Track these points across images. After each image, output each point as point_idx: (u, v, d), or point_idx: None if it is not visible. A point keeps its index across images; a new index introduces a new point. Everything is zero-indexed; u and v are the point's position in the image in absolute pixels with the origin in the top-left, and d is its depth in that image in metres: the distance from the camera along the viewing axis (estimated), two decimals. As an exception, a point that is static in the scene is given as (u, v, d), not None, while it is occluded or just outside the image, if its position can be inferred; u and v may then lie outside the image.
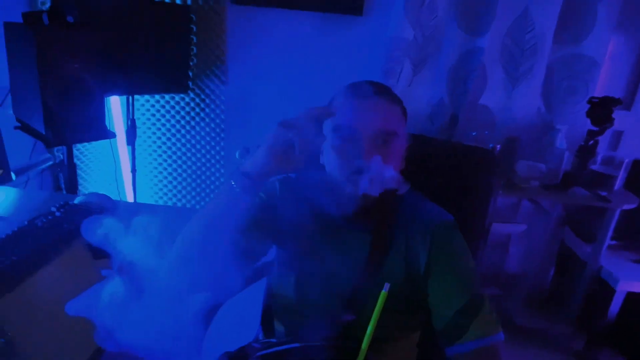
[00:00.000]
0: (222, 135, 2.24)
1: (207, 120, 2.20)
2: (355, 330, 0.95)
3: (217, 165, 2.29)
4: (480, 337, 0.87)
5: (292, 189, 1.02)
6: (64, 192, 1.51)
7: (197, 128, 2.22)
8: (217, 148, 2.25)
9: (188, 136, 2.23)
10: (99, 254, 1.14)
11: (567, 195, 1.94)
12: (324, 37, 2.12)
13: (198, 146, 2.25)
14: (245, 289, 1.13)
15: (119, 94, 1.86)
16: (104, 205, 1.37)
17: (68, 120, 1.37)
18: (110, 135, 1.52)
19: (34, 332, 0.87)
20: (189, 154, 2.26)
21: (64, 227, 1.20)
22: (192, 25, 2.04)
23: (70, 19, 1.35)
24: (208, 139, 2.24)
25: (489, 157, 1.21)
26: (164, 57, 1.91)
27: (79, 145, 1.89)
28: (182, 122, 2.20)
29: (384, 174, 0.82)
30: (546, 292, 2.43)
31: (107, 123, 1.53)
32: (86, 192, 1.74)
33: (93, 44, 1.41)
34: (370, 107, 0.89)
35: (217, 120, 2.21)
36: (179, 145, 2.24)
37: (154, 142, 2.23)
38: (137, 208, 1.53)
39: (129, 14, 1.72)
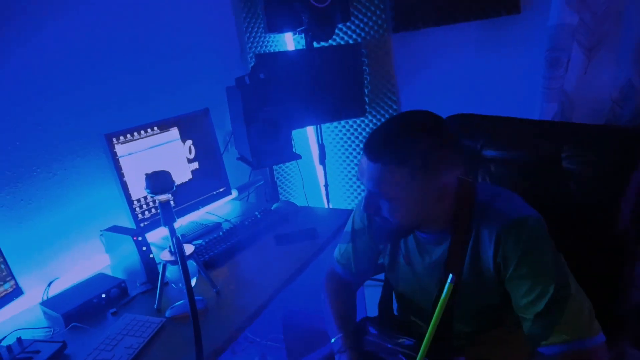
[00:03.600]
0: (399, 148, 2.51)
1: (384, 136, 2.52)
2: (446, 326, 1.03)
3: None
4: (566, 340, 0.85)
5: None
6: (269, 201, 2.04)
7: (377, 144, 2.55)
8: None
9: (370, 152, 2.58)
10: (281, 242, 1.58)
11: None
12: (485, 44, 2.19)
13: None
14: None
15: (308, 125, 2.35)
16: (290, 210, 1.84)
17: (265, 150, 1.89)
18: (295, 157, 1.99)
19: (234, 287, 1.33)
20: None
21: (261, 225, 1.69)
22: (363, 59, 2.41)
23: (261, 76, 1.87)
24: (386, 153, 2.54)
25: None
26: (342, 89, 2.32)
27: (282, 166, 2.48)
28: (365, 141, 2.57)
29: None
30: None
31: (296, 148, 2.01)
32: (288, 199, 2.27)
33: (280, 92, 1.91)
34: (363, 165, 0.94)
35: (393, 136, 2.49)
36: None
37: (344, 160, 2.66)
38: (313, 211, 1.95)
39: (305, 63, 2.20)
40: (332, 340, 1.14)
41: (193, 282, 1.32)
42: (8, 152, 1.34)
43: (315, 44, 2.28)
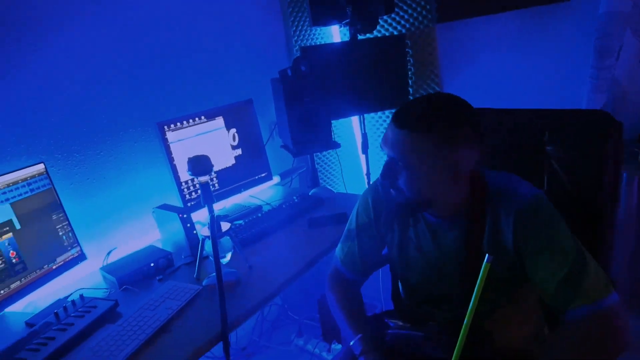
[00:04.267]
0: (442, 138, 2.52)
1: (427, 127, 2.54)
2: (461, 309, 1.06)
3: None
4: (588, 303, 0.91)
5: (381, 201, 1.20)
6: (309, 186, 2.15)
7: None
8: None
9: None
10: (313, 224, 1.68)
11: None
12: (531, 33, 2.14)
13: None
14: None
15: (351, 115, 2.43)
16: (326, 195, 1.93)
17: (305, 139, 1.99)
18: (335, 146, 2.07)
19: (266, 263, 1.46)
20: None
21: (297, 208, 1.81)
22: (407, 49, 2.44)
23: (303, 68, 1.97)
24: (429, 143, 2.56)
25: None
26: (386, 80, 2.36)
27: (326, 154, 2.58)
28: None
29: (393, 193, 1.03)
30: None
31: (340, 137, 2.10)
32: (325, 186, 2.37)
33: (319, 84, 2.00)
34: (388, 133, 0.99)
35: (436, 126, 2.51)
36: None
37: (388, 150, 2.71)
38: (347, 197, 2.03)
39: (349, 55, 2.26)
40: (351, 343, 1.12)
41: (228, 256, 1.46)
42: (77, 138, 1.55)
43: (360, 36, 2.34)
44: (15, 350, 1.10)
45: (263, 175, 2.00)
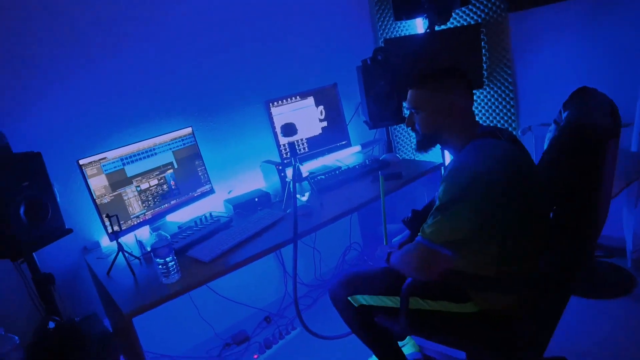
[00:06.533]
0: (513, 117, 2.77)
1: (500, 107, 2.80)
2: None
3: (510, 142, 2.82)
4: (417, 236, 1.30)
5: None
6: (385, 153, 2.61)
7: (494, 114, 2.85)
8: (510, 129, 2.79)
9: (487, 121, 2.89)
10: (374, 180, 2.17)
11: None
12: (601, 18, 2.29)
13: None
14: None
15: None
16: (392, 160, 2.40)
17: (378, 115, 2.47)
18: (404, 120, 2.49)
19: (334, 202, 1.99)
20: (487, 135, 2.90)
21: (367, 168, 2.31)
22: (483, 36, 2.72)
23: (379, 57, 2.43)
24: (502, 122, 2.82)
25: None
26: (462, 65, 2.69)
27: (399, 128, 3.00)
28: (483, 110, 2.89)
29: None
30: None
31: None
32: (395, 153, 2.80)
33: (392, 71, 2.44)
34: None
35: (508, 106, 2.76)
36: (481, 128, 2.93)
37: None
38: (408, 162, 2.45)
39: (427, 44, 2.64)
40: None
41: (306, 195, 2.04)
42: (211, 111, 2.25)
43: (442, 26, 2.69)
44: (172, 237, 1.81)
45: (343, 143, 2.53)
